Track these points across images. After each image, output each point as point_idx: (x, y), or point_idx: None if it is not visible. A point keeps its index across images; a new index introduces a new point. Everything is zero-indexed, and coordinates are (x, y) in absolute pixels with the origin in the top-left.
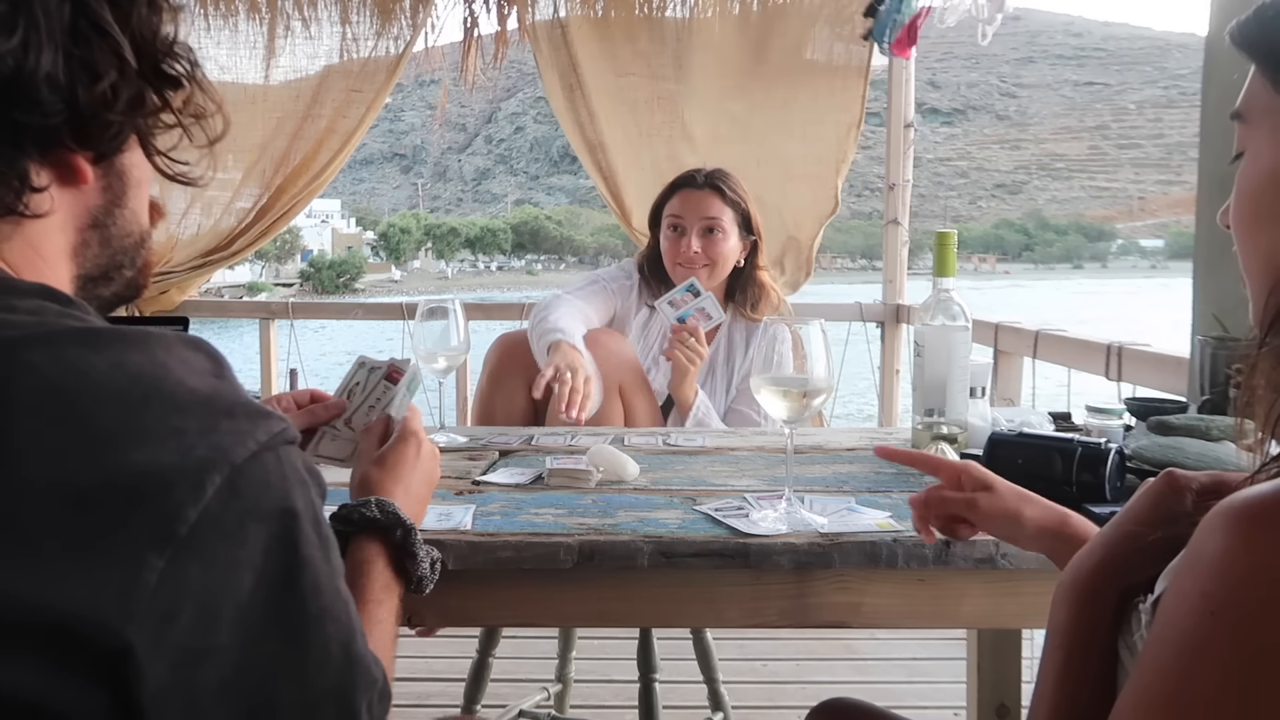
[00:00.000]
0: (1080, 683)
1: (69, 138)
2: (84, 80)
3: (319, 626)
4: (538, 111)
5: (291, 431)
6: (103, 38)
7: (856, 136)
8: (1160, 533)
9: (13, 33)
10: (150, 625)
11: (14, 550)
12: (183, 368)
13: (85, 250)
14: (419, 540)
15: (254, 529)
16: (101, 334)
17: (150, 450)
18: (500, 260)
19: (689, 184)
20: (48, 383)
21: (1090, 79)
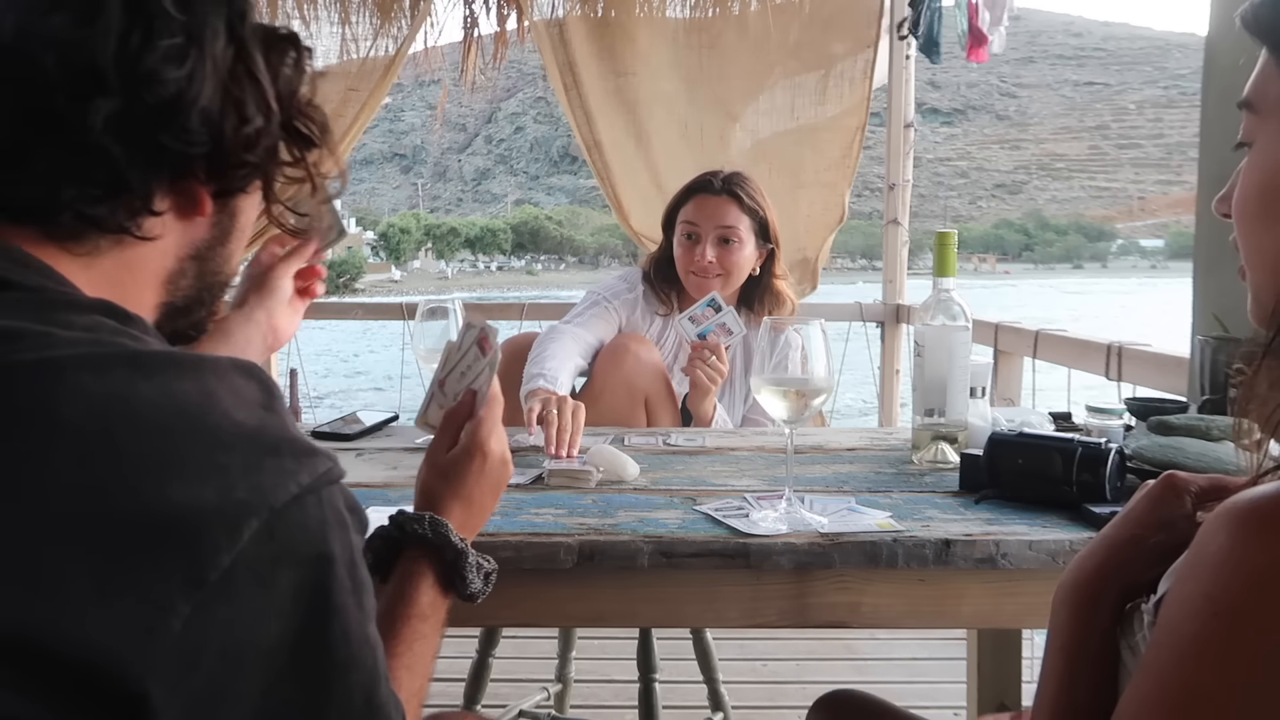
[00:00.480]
0: (1081, 684)
1: (202, 170)
2: (232, 120)
3: (344, 675)
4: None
5: (337, 470)
6: (255, 85)
7: (861, 141)
8: (1161, 535)
9: (182, 64)
10: (171, 673)
11: (39, 585)
12: (232, 398)
13: (179, 279)
14: (470, 562)
15: (286, 574)
16: (153, 358)
17: (189, 488)
18: (500, 260)
19: (705, 189)
20: (92, 409)
21: (1090, 79)
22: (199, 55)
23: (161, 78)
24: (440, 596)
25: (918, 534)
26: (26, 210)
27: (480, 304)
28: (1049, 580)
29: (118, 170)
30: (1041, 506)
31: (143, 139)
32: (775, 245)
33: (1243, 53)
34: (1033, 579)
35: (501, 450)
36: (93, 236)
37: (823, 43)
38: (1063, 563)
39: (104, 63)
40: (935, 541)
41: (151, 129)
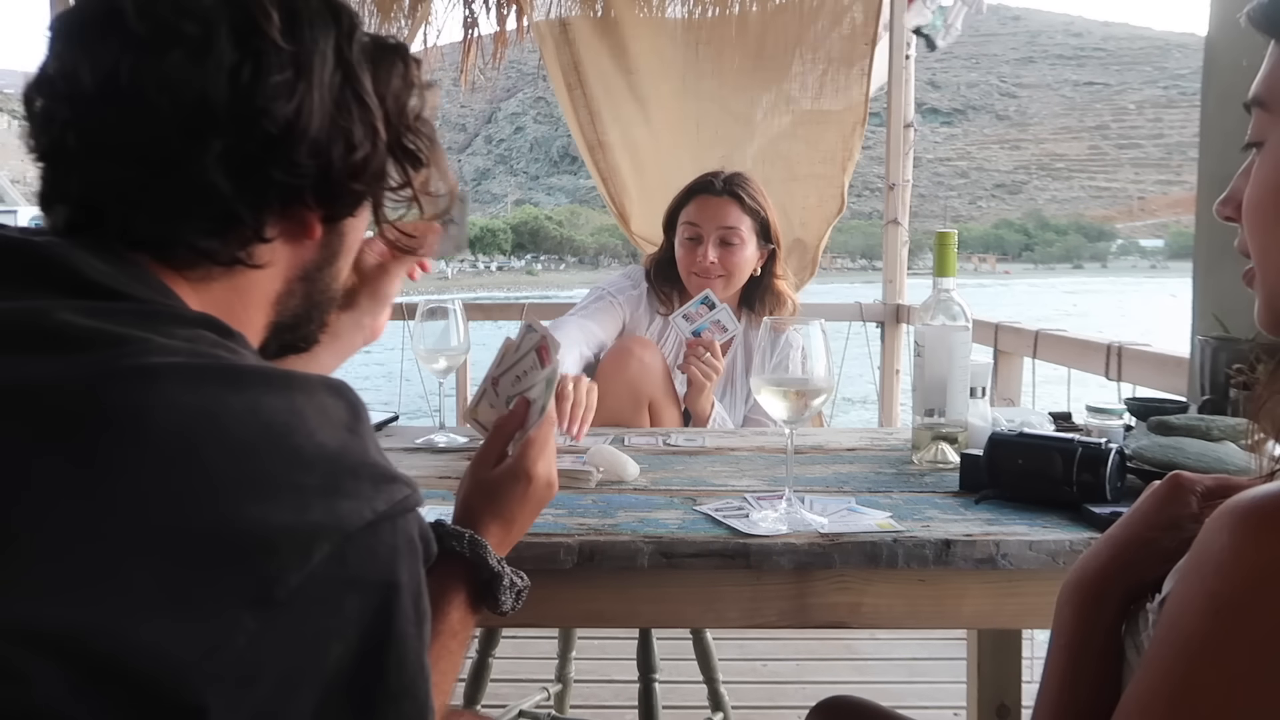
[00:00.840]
0: (1084, 683)
1: (311, 198)
2: (340, 149)
3: (397, 703)
4: (538, 111)
5: (415, 498)
6: (362, 109)
7: (861, 135)
8: (1166, 535)
9: (291, 97)
10: (230, 688)
11: (112, 589)
12: (318, 417)
13: (288, 299)
14: (504, 585)
15: (352, 599)
16: (246, 373)
17: (266, 506)
18: (500, 260)
19: (706, 190)
20: (181, 421)
21: (1090, 79)
22: (307, 87)
23: (272, 114)
24: (469, 614)
25: (918, 534)
26: (142, 242)
27: (480, 304)
28: (1049, 580)
29: (229, 205)
30: (1041, 506)
31: (253, 174)
32: (776, 245)
33: (1243, 53)
34: (1033, 579)
35: (548, 473)
36: (205, 265)
37: (822, 40)
38: (1063, 563)
39: (216, 102)
40: (935, 542)
41: (261, 163)
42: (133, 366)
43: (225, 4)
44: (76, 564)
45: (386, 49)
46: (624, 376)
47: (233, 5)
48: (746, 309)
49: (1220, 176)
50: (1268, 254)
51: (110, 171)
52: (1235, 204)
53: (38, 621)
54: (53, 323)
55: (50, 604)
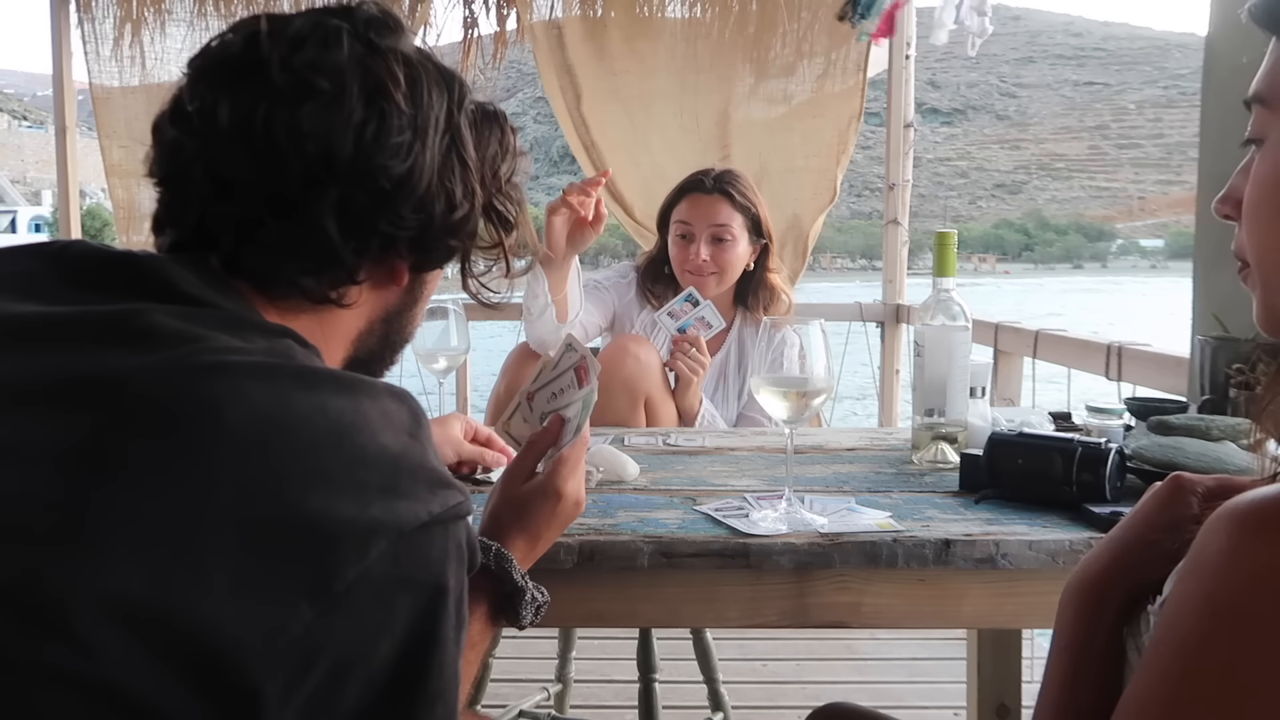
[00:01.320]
0: (1085, 684)
1: (406, 248)
2: (442, 206)
3: (432, 706)
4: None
5: (466, 506)
6: (464, 170)
7: (857, 129)
8: (1167, 536)
9: (407, 157)
10: (286, 674)
11: (189, 572)
12: (381, 420)
13: (368, 338)
14: (526, 600)
15: (403, 599)
16: (316, 374)
17: (328, 499)
18: None
19: (697, 188)
20: (257, 414)
21: (1090, 79)
22: (421, 148)
23: (388, 171)
24: (489, 626)
25: (918, 534)
26: (245, 271)
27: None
28: (1049, 580)
29: (333, 249)
30: (1041, 506)
31: (361, 223)
32: (769, 240)
33: (1243, 52)
34: (1033, 579)
35: (577, 492)
36: (298, 299)
37: (819, 37)
38: (1063, 563)
39: (339, 154)
40: (935, 541)
41: (371, 215)
42: (214, 362)
43: (358, 65)
44: (153, 541)
45: (488, 115)
46: (620, 374)
47: (364, 67)
48: (740, 305)
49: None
50: (1266, 252)
51: (230, 206)
52: (1234, 202)
53: (113, 593)
54: (143, 322)
55: (125, 578)
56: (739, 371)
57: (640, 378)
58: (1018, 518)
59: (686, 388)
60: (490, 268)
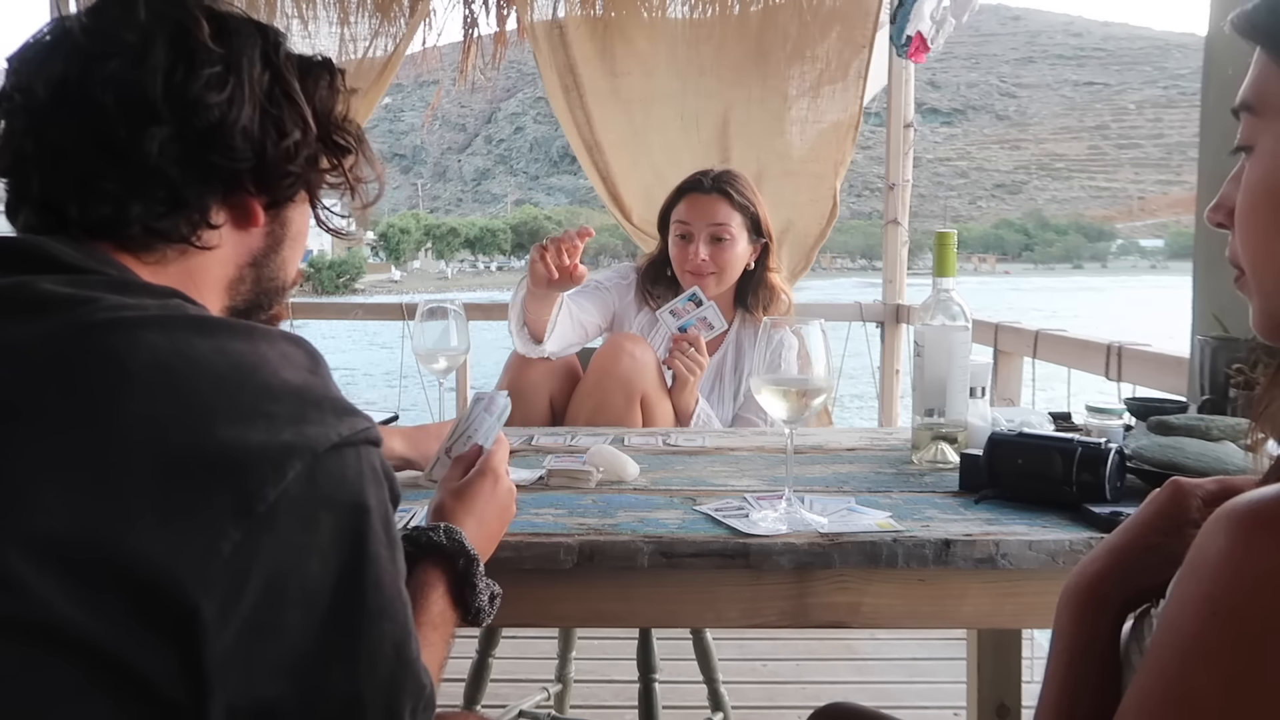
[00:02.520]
0: (1084, 688)
1: (251, 183)
2: (273, 135)
3: (376, 622)
4: (538, 111)
5: (374, 433)
6: (291, 104)
7: (855, 138)
8: (1167, 540)
9: (222, 89)
10: (220, 593)
11: (112, 506)
12: (280, 360)
13: (239, 285)
14: (481, 572)
15: (326, 517)
16: (211, 322)
17: (240, 429)
18: (500, 260)
19: (696, 188)
20: (159, 359)
21: (1090, 79)
22: (237, 81)
23: (205, 103)
24: (450, 608)
25: (918, 534)
26: (100, 225)
27: (480, 304)
28: (1049, 580)
29: (175, 188)
30: (1041, 506)
31: (194, 158)
32: (768, 240)
33: (1242, 52)
34: (1033, 579)
35: (510, 484)
36: (160, 246)
37: (819, 42)
38: (1062, 563)
39: (154, 96)
40: (935, 541)
41: (201, 149)
42: (111, 319)
43: (160, 18)
44: (73, 483)
45: (314, 64)
46: (616, 372)
47: (167, 19)
48: (740, 305)
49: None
50: (1260, 258)
51: (67, 168)
52: (1226, 210)
53: (38, 532)
54: (35, 291)
55: (50, 518)
56: (735, 372)
57: (636, 376)
58: (1018, 518)
59: (683, 387)
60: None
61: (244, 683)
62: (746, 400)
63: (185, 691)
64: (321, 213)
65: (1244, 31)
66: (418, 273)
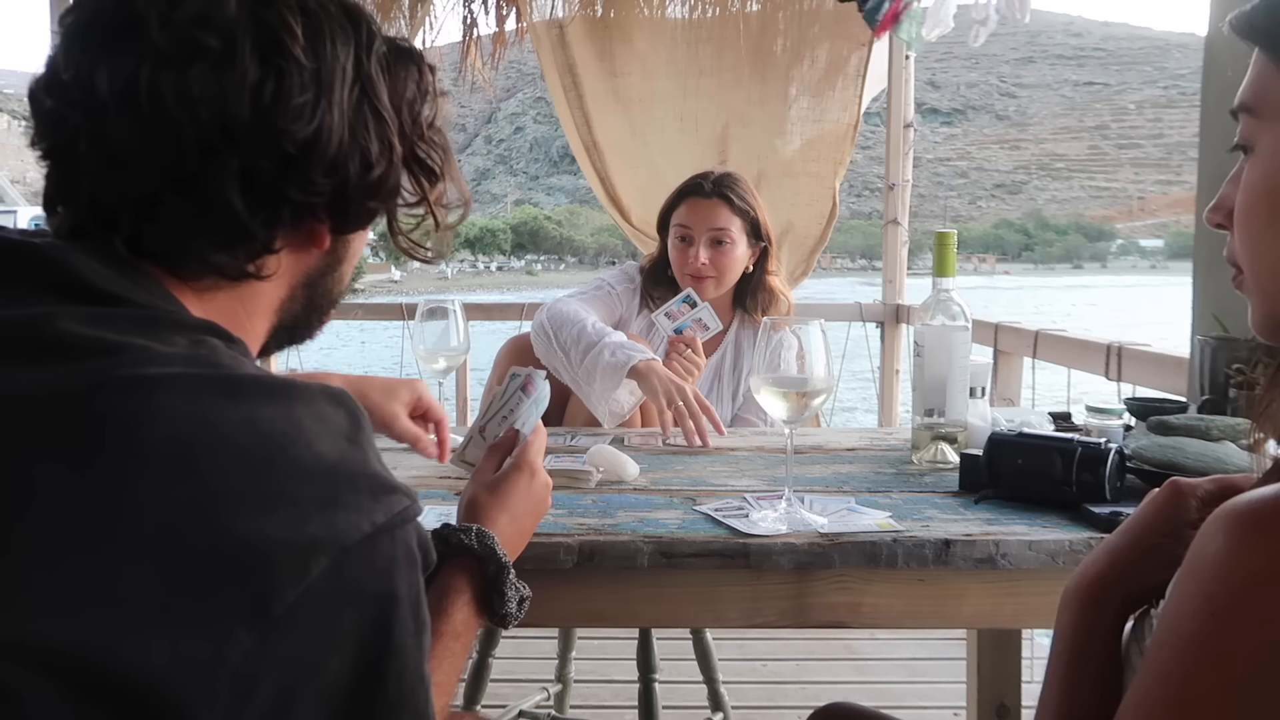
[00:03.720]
0: (1084, 688)
1: (324, 211)
2: (357, 167)
3: (395, 714)
4: (537, 112)
5: (414, 509)
6: (379, 123)
7: (854, 138)
8: (1166, 540)
9: (312, 119)
10: (224, 705)
11: (108, 604)
12: (317, 427)
13: (291, 305)
14: (511, 579)
15: (349, 612)
16: (243, 383)
17: (262, 519)
18: (500, 260)
19: (696, 192)
20: (178, 431)
21: (1090, 79)
22: (328, 106)
23: (292, 135)
24: (474, 616)
25: (917, 534)
26: (151, 252)
27: (480, 304)
28: (1049, 580)
29: (242, 223)
30: (1041, 506)
31: (269, 193)
32: (768, 243)
33: (1242, 53)
34: (1032, 579)
35: (546, 478)
36: (214, 277)
37: (819, 41)
38: (1062, 563)
39: (237, 120)
40: (935, 541)
41: (278, 183)
42: (129, 376)
43: (249, 16)
44: (72, 577)
45: (402, 54)
46: None
47: (256, 19)
48: (739, 307)
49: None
50: (1259, 258)
51: (124, 182)
52: (1225, 211)
53: (31, 638)
54: (52, 332)
55: (44, 620)
56: (734, 373)
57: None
58: (1017, 518)
59: None
60: (419, 223)
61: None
62: (746, 401)
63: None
64: (404, 242)
65: (1242, 32)
66: (417, 273)
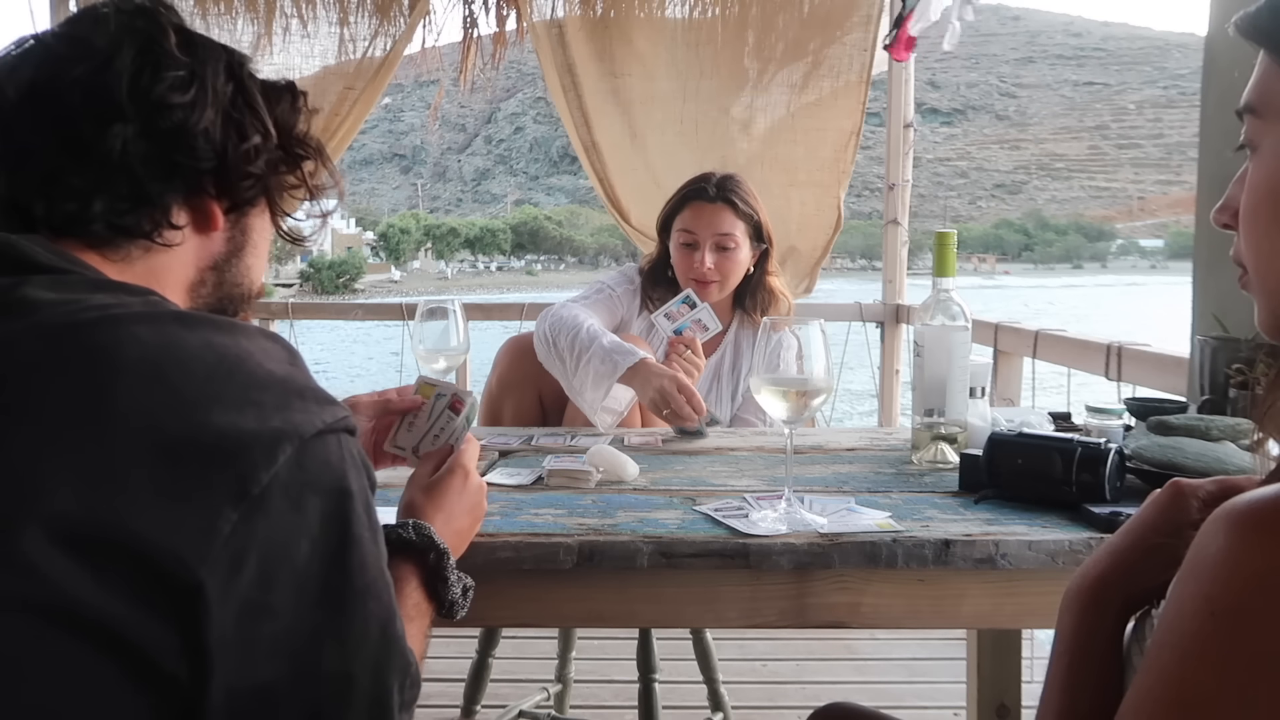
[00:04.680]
0: (1085, 689)
1: (212, 186)
2: (234, 139)
3: (362, 602)
4: (537, 112)
5: (353, 422)
6: (253, 112)
7: (857, 144)
8: (1167, 541)
9: (186, 91)
10: (221, 570)
11: (111, 486)
12: (262, 353)
13: (201, 288)
14: (451, 565)
15: (313, 501)
16: (195, 317)
17: (231, 416)
18: (500, 260)
19: (700, 196)
20: (148, 351)
21: (1090, 79)
22: (201, 87)
23: (169, 104)
24: (425, 600)
25: (917, 534)
26: (66, 222)
27: (480, 304)
28: (1049, 580)
29: (138, 184)
30: (1041, 506)
31: (157, 157)
32: (769, 244)
33: (1242, 53)
34: (1032, 579)
35: (480, 481)
36: (123, 243)
37: (820, 44)
38: (1062, 563)
39: (119, 96)
40: (935, 541)
41: (164, 148)
42: (99, 316)
43: (130, 29)
44: (74, 471)
45: (278, 85)
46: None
47: (137, 29)
48: (739, 307)
49: (1220, 177)
50: (1263, 258)
51: (33, 165)
52: (1231, 211)
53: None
54: (20, 294)
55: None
56: (733, 374)
57: None
58: (1017, 518)
59: None
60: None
61: (242, 664)
62: (745, 401)
63: (188, 670)
64: (281, 219)
65: (1247, 34)
66: (417, 273)
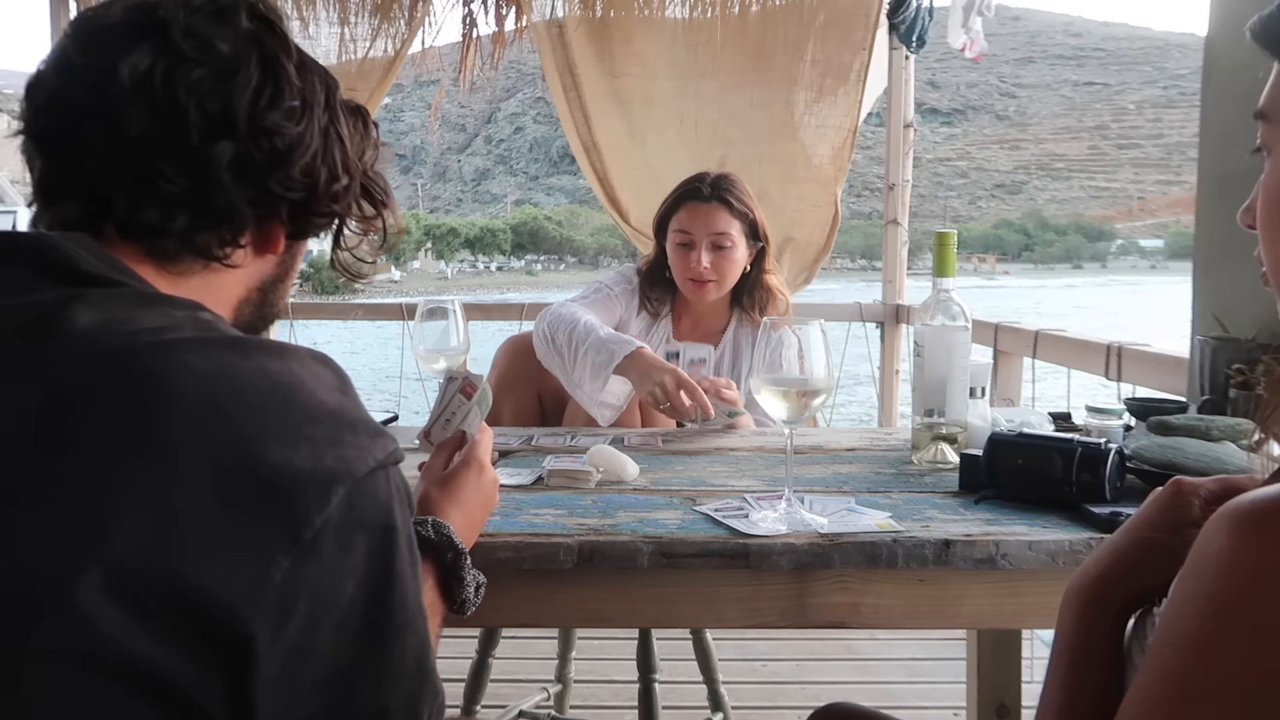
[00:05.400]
0: (1085, 688)
1: (286, 214)
2: (325, 176)
3: (401, 638)
4: (537, 112)
5: (401, 452)
6: (342, 146)
7: (854, 143)
8: (1168, 540)
9: (299, 121)
10: (271, 619)
11: (168, 534)
12: (315, 381)
13: (245, 306)
14: (468, 565)
15: (360, 540)
16: (247, 342)
17: (286, 452)
18: (500, 260)
19: (695, 196)
20: (202, 380)
21: (1090, 79)
22: (310, 117)
23: (280, 130)
24: (438, 600)
25: (917, 534)
26: (142, 229)
27: (480, 304)
28: (1049, 580)
29: (228, 204)
30: (1041, 507)
31: (254, 180)
32: (765, 242)
33: (1243, 54)
34: (1032, 579)
35: (494, 474)
36: (187, 259)
37: (819, 43)
38: (1062, 563)
39: (238, 113)
40: (935, 542)
41: (263, 173)
42: (152, 341)
43: (255, 39)
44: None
45: (355, 109)
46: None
47: (259, 41)
48: (737, 306)
49: (1220, 176)
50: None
51: (129, 160)
52: (1255, 212)
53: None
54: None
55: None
56: (733, 373)
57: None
58: (1017, 518)
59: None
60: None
61: (284, 703)
62: (745, 402)
63: (231, 715)
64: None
65: (1259, 39)
66: (418, 273)
